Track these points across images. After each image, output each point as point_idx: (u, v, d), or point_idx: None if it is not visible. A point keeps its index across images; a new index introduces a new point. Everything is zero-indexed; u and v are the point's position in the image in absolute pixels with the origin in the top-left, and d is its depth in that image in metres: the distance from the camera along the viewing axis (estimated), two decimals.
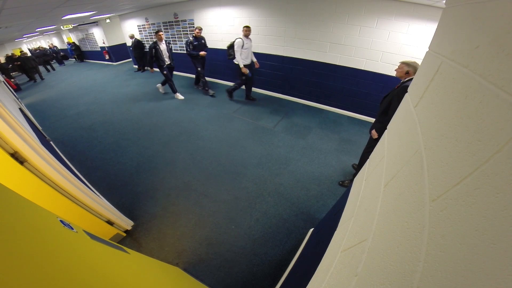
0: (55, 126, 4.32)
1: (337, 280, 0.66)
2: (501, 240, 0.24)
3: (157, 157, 3.13)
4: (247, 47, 4.04)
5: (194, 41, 4.63)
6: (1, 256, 0.36)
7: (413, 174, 0.49)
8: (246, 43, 4.00)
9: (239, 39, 3.95)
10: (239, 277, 1.69)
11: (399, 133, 0.73)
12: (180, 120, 4.16)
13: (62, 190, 1.49)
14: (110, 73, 8.37)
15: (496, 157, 0.27)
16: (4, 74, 7.23)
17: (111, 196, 2.43)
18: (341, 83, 4.07)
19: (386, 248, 0.47)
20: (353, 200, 0.99)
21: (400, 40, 3.22)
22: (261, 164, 2.89)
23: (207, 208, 2.28)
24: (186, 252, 1.87)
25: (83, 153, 3.33)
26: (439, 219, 0.34)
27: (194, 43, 4.63)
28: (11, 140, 1.21)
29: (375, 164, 0.88)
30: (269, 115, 4.23)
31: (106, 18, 8.37)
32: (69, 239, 0.61)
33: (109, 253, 0.76)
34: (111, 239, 1.92)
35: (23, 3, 2.40)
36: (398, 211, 0.49)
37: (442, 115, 0.45)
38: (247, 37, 4.01)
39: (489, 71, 0.34)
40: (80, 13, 4.66)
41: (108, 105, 5.13)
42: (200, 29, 4.63)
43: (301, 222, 2.10)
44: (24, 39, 13.02)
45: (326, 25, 3.71)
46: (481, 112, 0.33)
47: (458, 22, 0.50)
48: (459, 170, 0.34)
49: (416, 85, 0.71)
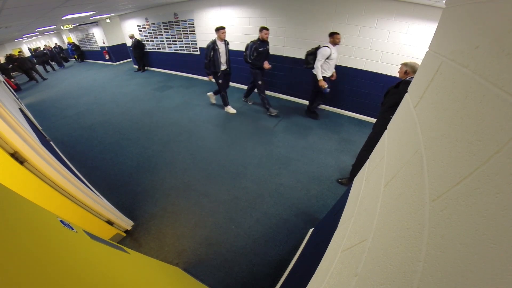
0: (55, 126, 4.32)
1: (337, 280, 0.66)
2: (501, 240, 0.23)
3: (157, 157, 3.13)
4: (334, 57, 3.34)
5: (260, 47, 3.61)
6: (1, 256, 0.36)
7: (413, 174, 0.49)
8: (333, 53, 3.28)
9: (326, 48, 3.23)
10: (239, 277, 1.69)
11: (399, 133, 0.73)
12: (180, 120, 4.16)
13: (62, 190, 1.49)
14: (110, 73, 8.37)
15: (496, 157, 0.27)
16: (4, 74, 7.22)
17: (111, 196, 2.43)
18: (341, 83, 4.07)
19: (386, 248, 0.47)
20: (353, 200, 0.99)
21: (400, 40, 3.23)
22: (261, 164, 2.89)
23: (207, 208, 2.28)
24: (186, 252, 1.87)
25: (83, 153, 3.33)
26: (439, 219, 0.34)
27: (260, 49, 3.61)
28: (11, 140, 1.21)
29: (375, 164, 0.88)
30: (269, 115, 4.23)
31: (106, 18, 8.37)
32: (69, 239, 0.61)
33: (109, 253, 0.76)
34: (111, 239, 1.92)
35: (23, 3, 2.40)
36: (398, 211, 0.49)
37: (442, 115, 0.45)
38: (334, 45, 3.28)
39: (489, 71, 0.34)
40: (80, 13, 4.66)
41: (108, 105, 5.13)
42: (268, 30, 3.58)
43: (301, 222, 2.10)
44: (24, 39, 13.02)
45: (326, 25, 3.71)
46: (481, 112, 0.33)
47: (458, 22, 0.50)
48: (459, 170, 0.34)
49: (416, 85, 0.71)
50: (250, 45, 3.63)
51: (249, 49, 3.67)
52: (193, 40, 6.01)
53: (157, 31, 6.77)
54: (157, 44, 7.15)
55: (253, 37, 4.74)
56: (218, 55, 3.58)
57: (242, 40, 5.00)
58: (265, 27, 3.58)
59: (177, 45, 6.54)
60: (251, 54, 3.67)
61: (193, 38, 5.96)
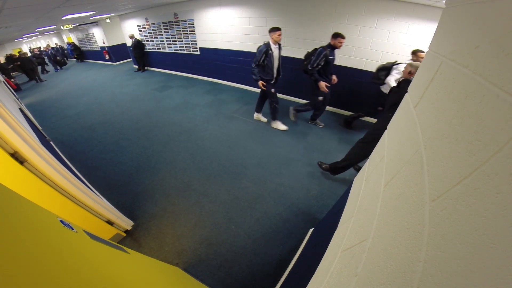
0: (55, 126, 4.32)
1: (337, 280, 0.66)
2: (501, 240, 0.24)
3: (157, 157, 3.13)
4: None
5: (330, 54, 3.03)
6: (1, 256, 0.36)
7: (413, 174, 0.49)
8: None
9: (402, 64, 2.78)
10: (239, 277, 1.69)
11: (399, 133, 0.73)
12: (180, 120, 4.16)
13: (62, 190, 1.49)
14: (110, 73, 8.37)
15: (496, 157, 0.27)
16: (4, 74, 7.22)
17: (111, 196, 2.43)
18: (341, 83, 4.06)
19: (386, 248, 0.47)
20: (353, 200, 0.99)
21: (400, 40, 3.23)
22: (261, 164, 2.89)
23: (207, 208, 2.28)
24: (186, 252, 1.87)
25: (83, 153, 3.33)
26: (439, 219, 0.34)
27: (330, 57, 3.04)
28: (11, 140, 1.21)
29: (375, 164, 0.88)
30: (269, 115, 4.22)
31: (106, 18, 8.37)
32: (69, 239, 0.61)
33: (109, 253, 0.76)
34: (111, 239, 1.92)
35: (23, 3, 2.40)
36: (398, 211, 0.49)
37: (442, 115, 0.45)
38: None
39: (489, 71, 0.34)
40: (80, 13, 4.66)
41: (108, 105, 5.13)
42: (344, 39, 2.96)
43: (301, 222, 2.10)
44: (24, 39, 13.04)
45: (326, 25, 3.71)
46: (481, 112, 0.33)
47: (458, 22, 0.50)
48: (459, 170, 0.34)
49: (416, 85, 0.71)
50: (320, 50, 3.00)
51: (316, 55, 3.03)
52: (193, 40, 6.02)
53: (157, 31, 6.77)
54: (157, 44, 7.15)
55: (253, 37, 4.78)
56: (271, 60, 3.14)
57: (242, 40, 5.00)
58: (341, 34, 2.93)
59: (177, 45, 6.54)
60: (317, 61, 3.01)
61: (193, 38, 5.96)
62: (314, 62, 3.04)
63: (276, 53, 3.17)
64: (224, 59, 5.65)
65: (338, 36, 2.93)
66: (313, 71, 3.10)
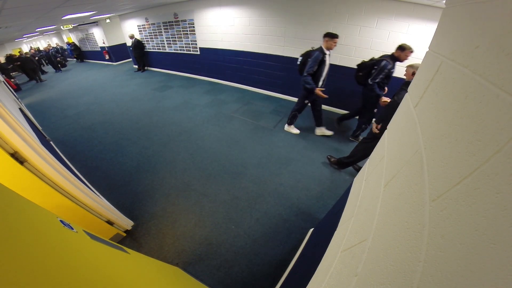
0: (55, 126, 4.32)
1: (337, 280, 0.66)
2: (501, 240, 0.24)
3: (157, 157, 3.13)
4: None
5: (392, 67, 2.71)
6: (1, 256, 0.36)
7: (413, 174, 0.49)
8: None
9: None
10: (239, 277, 1.69)
11: (399, 133, 0.73)
12: (180, 120, 4.16)
13: (62, 190, 1.49)
14: (110, 73, 8.37)
15: (496, 157, 0.27)
16: (4, 74, 7.22)
17: (111, 196, 2.43)
18: (341, 83, 4.07)
19: (386, 248, 0.47)
20: (353, 200, 0.99)
21: (400, 40, 3.21)
22: (261, 164, 2.89)
23: (207, 208, 2.28)
24: (186, 252, 1.87)
25: (83, 153, 3.33)
26: (439, 219, 0.34)
27: (391, 70, 2.72)
28: (11, 140, 1.21)
29: (375, 164, 0.88)
30: (269, 115, 4.23)
31: (106, 18, 8.37)
32: (69, 239, 0.61)
33: (109, 253, 0.76)
34: (111, 239, 1.92)
35: (23, 3, 2.40)
36: (398, 211, 0.49)
37: (442, 115, 0.45)
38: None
39: (489, 71, 0.34)
40: (80, 13, 4.66)
41: (108, 105, 5.13)
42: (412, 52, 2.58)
43: (301, 222, 2.10)
44: (24, 39, 13.03)
45: (326, 25, 3.71)
46: (481, 112, 0.33)
47: (458, 22, 0.50)
48: (459, 170, 0.34)
49: (416, 85, 0.71)
50: (385, 64, 2.65)
51: (379, 69, 2.70)
52: (193, 40, 6.02)
53: (157, 31, 6.77)
54: (157, 44, 7.15)
55: (253, 37, 4.78)
56: (324, 68, 2.90)
57: (242, 40, 5.00)
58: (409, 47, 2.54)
59: (177, 45, 6.54)
60: (380, 76, 2.71)
61: (193, 38, 5.96)
62: (376, 76, 2.72)
63: (328, 61, 2.93)
64: (224, 59, 5.65)
65: (406, 49, 2.55)
66: (373, 85, 2.76)
